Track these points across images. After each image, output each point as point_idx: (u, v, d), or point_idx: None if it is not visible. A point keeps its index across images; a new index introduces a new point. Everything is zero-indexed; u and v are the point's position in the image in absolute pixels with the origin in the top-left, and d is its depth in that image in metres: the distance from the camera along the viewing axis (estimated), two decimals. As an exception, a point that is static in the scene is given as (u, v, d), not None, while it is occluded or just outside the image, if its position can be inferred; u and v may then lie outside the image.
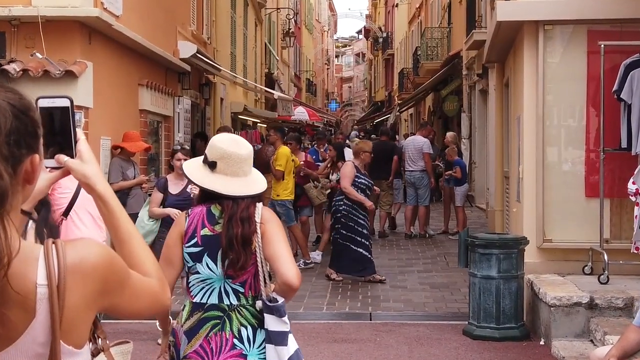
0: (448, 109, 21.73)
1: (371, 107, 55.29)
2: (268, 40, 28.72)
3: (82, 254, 1.40)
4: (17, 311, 1.32)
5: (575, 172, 7.88)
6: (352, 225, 9.62)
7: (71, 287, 1.35)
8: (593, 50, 7.63)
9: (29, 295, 1.33)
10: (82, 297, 1.38)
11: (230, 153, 3.14)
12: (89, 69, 8.55)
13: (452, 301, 8.74)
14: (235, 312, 3.11)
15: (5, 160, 1.31)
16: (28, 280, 1.33)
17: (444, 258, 11.58)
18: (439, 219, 15.41)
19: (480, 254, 7.13)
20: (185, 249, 3.13)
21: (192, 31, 14.29)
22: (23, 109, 1.36)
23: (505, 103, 10.91)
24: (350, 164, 9.90)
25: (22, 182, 1.37)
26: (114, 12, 9.41)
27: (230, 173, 3.14)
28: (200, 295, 3.14)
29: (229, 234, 3.07)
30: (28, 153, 1.37)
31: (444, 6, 25.41)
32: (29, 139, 1.37)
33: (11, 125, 1.32)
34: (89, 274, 1.39)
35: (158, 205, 7.09)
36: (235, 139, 3.27)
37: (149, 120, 11.29)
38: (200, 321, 3.10)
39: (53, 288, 1.33)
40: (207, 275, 3.12)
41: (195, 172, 3.19)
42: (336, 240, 9.77)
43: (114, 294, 1.47)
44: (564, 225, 7.86)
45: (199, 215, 3.16)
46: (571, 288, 7.00)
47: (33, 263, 1.35)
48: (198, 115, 15.49)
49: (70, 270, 1.35)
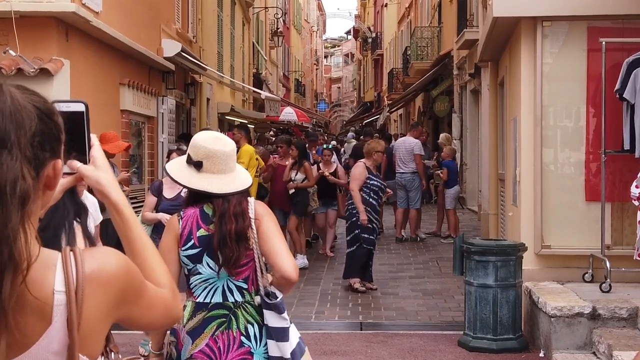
0: (438, 109, 21.47)
1: (360, 107, 55.14)
2: (256, 40, 28.34)
3: (101, 263, 1.38)
4: (33, 318, 1.31)
5: (574, 175, 7.55)
6: (371, 227, 9.13)
7: (89, 296, 1.34)
8: (593, 48, 7.31)
9: (46, 302, 1.31)
10: (99, 306, 1.37)
11: (215, 151, 3.11)
12: (66, 67, 8.15)
13: (446, 309, 8.40)
14: (241, 309, 3.11)
15: (29, 162, 1.29)
16: (46, 286, 1.32)
17: (437, 263, 11.24)
18: (430, 222, 15.10)
19: (477, 261, 6.80)
20: (183, 252, 3.11)
21: (176, 29, 13.89)
22: (47, 112, 1.35)
23: (499, 103, 10.58)
24: (361, 164, 9.29)
25: (43, 187, 1.35)
26: (93, 9, 9.03)
27: (217, 171, 3.12)
28: (203, 294, 3.13)
29: (222, 231, 3.06)
30: (51, 157, 1.35)
31: (434, 5, 25.13)
32: (52, 142, 1.36)
33: (36, 128, 1.31)
34: (107, 282, 1.38)
35: (152, 209, 6.50)
36: (218, 136, 3.24)
37: (131, 121, 10.89)
38: (204, 321, 3.09)
39: (71, 295, 1.32)
40: (209, 274, 3.11)
41: (181, 173, 3.15)
42: (360, 247, 9.10)
43: (130, 304, 1.45)
44: (563, 230, 7.53)
45: (193, 216, 3.14)
46: (572, 297, 6.66)
47: (51, 269, 1.33)
48: (183, 115, 15.10)
49: (88, 278, 1.34)
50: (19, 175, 1.26)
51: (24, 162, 1.28)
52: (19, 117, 1.29)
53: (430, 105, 23.80)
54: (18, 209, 1.26)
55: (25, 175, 1.28)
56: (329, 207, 11.68)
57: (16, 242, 1.25)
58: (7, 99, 1.30)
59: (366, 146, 9.68)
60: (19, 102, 1.30)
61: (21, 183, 1.27)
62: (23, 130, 1.29)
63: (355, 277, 9.21)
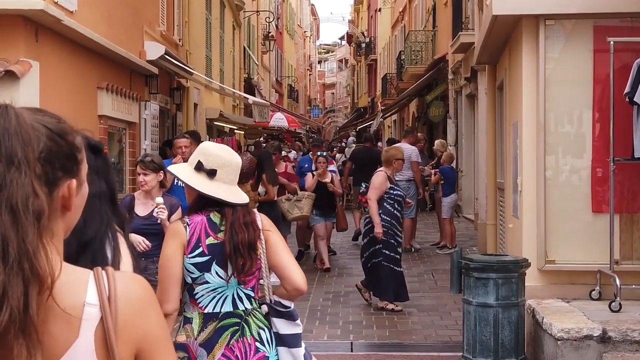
0: (433, 115, 21.01)
1: (354, 113, 54.80)
2: (247, 44, 27.82)
3: (132, 285, 1.40)
4: (60, 330, 1.30)
5: (580, 185, 7.03)
6: (394, 243, 8.46)
7: (121, 315, 1.34)
8: (600, 48, 6.80)
9: (75, 314, 1.31)
10: (128, 328, 1.35)
11: (229, 161, 3.21)
12: (35, 69, 7.60)
13: (442, 327, 7.87)
14: (251, 316, 3.15)
15: (39, 178, 1.29)
16: (76, 299, 1.32)
17: (432, 276, 10.70)
18: (425, 231, 14.59)
19: (476, 278, 6.25)
20: (189, 260, 3.09)
21: (161, 31, 13.35)
22: (60, 132, 1.35)
23: (498, 108, 10.06)
24: (382, 174, 8.55)
25: (60, 207, 1.35)
26: (67, 7, 8.49)
27: (229, 181, 3.19)
28: (212, 305, 3.13)
29: (234, 240, 3.09)
30: (64, 176, 1.35)
31: (429, 9, 24.69)
32: (64, 161, 1.35)
33: (44, 145, 1.31)
34: (136, 304, 1.38)
35: None
36: (226, 148, 3.34)
37: (110, 127, 10.33)
38: (217, 331, 3.10)
39: (106, 308, 1.33)
40: (217, 283, 3.12)
41: (193, 179, 3.17)
42: (380, 263, 8.42)
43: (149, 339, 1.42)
44: (568, 244, 7.01)
45: (201, 224, 3.13)
46: (580, 318, 6.14)
47: (83, 284, 1.35)
48: (168, 121, 14.55)
49: (119, 296, 1.35)
50: (30, 191, 1.27)
51: (34, 178, 1.28)
52: (25, 135, 1.29)
53: (424, 111, 23.34)
54: (34, 225, 1.26)
55: (37, 191, 1.28)
56: (327, 218, 11.12)
57: (37, 257, 1.25)
58: (11, 118, 1.30)
59: (385, 153, 8.97)
60: (25, 121, 1.31)
61: (33, 199, 1.27)
62: (30, 148, 1.29)
63: (386, 298, 8.54)
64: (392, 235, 8.45)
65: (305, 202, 10.56)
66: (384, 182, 8.46)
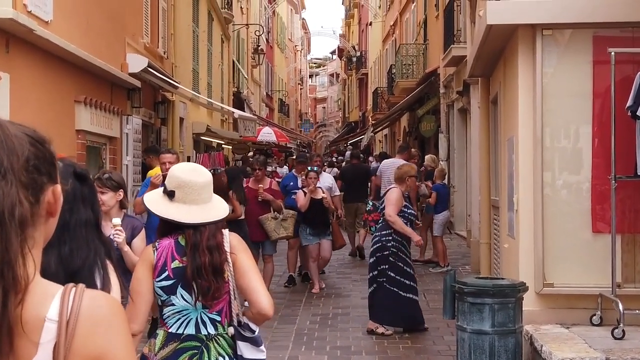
0: (425, 129, 20.71)
1: (345, 127, 54.57)
2: (237, 58, 27.49)
3: (99, 304, 1.36)
4: (24, 343, 1.28)
5: (579, 204, 6.68)
6: (402, 266, 7.99)
7: (79, 333, 1.31)
8: (600, 60, 6.48)
9: (36, 329, 1.29)
10: (88, 346, 1.32)
11: (187, 181, 3.16)
12: (5, 81, 7.20)
13: (435, 353, 7.46)
14: (213, 341, 3.14)
15: (25, 187, 1.29)
16: (39, 313, 1.30)
17: (424, 297, 10.27)
18: (415, 249, 14.18)
19: (471, 303, 5.85)
20: (157, 284, 3.12)
21: (144, 44, 12.96)
22: (39, 139, 1.35)
23: (492, 122, 9.71)
24: (397, 190, 8.11)
25: (45, 214, 1.34)
26: (41, 17, 8.09)
27: (189, 201, 3.15)
28: (176, 325, 3.14)
29: (195, 263, 3.08)
30: (49, 182, 1.35)
31: (420, 22, 24.43)
32: (48, 166, 1.35)
33: (29, 152, 1.31)
34: (99, 323, 1.34)
35: None
36: (194, 167, 3.30)
37: (88, 142, 9.92)
38: (176, 352, 3.11)
39: (62, 324, 1.30)
40: (182, 306, 3.13)
41: (154, 202, 3.19)
42: (382, 285, 7.99)
43: None
44: (567, 266, 6.66)
45: (168, 247, 3.14)
46: (581, 346, 5.76)
47: (48, 299, 1.32)
48: (152, 136, 14.14)
49: (82, 313, 1.32)
50: (16, 200, 1.26)
51: (19, 187, 1.28)
52: (10, 144, 1.29)
53: (415, 125, 23.04)
54: (18, 234, 1.26)
55: (22, 200, 1.28)
56: (322, 237, 10.55)
57: (17, 266, 1.26)
58: None
59: (397, 171, 8.51)
60: (9, 129, 1.31)
61: (19, 207, 1.27)
62: (16, 157, 1.29)
63: (375, 319, 8.11)
64: (401, 257, 8.02)
65: (290, 221, 10.11)
66: (400, 198, 8.07)
